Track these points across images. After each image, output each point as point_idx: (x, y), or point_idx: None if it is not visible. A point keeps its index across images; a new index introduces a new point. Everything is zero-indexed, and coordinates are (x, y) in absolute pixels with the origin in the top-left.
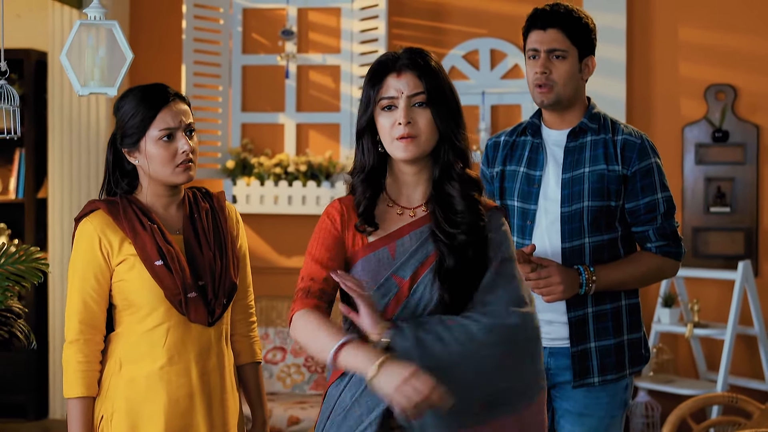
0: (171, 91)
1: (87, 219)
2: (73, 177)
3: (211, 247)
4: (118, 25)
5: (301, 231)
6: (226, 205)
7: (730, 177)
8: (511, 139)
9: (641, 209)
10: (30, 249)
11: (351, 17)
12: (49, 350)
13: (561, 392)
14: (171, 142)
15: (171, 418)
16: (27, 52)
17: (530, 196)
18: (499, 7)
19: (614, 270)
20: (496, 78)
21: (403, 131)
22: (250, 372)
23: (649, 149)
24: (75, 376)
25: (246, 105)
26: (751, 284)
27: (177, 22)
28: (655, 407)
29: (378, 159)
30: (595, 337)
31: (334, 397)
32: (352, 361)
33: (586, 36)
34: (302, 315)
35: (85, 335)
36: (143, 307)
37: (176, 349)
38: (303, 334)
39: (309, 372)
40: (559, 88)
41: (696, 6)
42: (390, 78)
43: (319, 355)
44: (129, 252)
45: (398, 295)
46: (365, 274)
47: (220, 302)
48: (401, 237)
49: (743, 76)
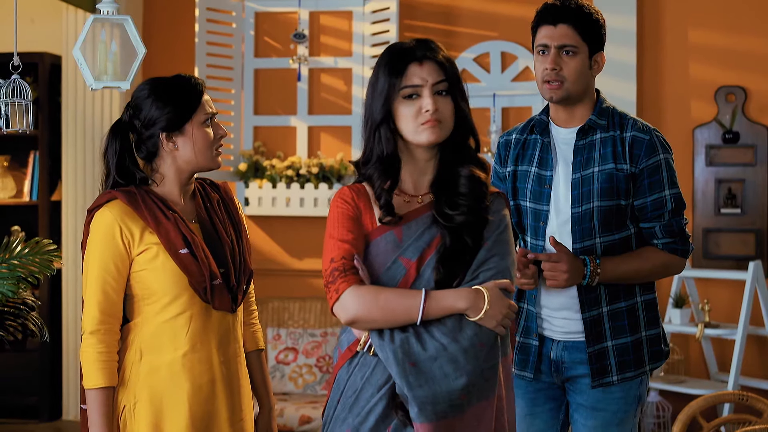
0: (201, 81)
1: (105, 207)
2: (87, 180)
3: (229, 235)
4: (131, 20)
5: (313, 233)
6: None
7: (740, 178)
8: (522, 138)
9: (648, 206)
10: (42, 241)
11: (362, 20)
12: (62, 352)
13: (575, 386)
14: (211, 127)
15: (195, 405)
16: (41, 55)
17: (542, 196)
18: (510, 9)
19: (620, 263)
20: (507, 80)
21: (431, 116)
22: (255, 359)
23: (658, 145)
24: (96, 366)
25: (258, 108)
26: (762, 284)
27: (190, 25)
28: (666, 407)
29: (395, 148)
30: (611, 335)
31: (344, 379)
32: (444, 302)
33: (597, 32)
34: (356, 290)
35: (106, 325)
36: (165, 296)
37: (198, 337)
38: (371, 304)
39: (321, 372)
40: (568, 84)
41: (706, 8)
42: (412, 66)
43: (404, 313)
44: (151, 241)
45: (406, 276)
46: (375, 257)
47: (241, 288)
48: (408, 222)
49: (753, 77)
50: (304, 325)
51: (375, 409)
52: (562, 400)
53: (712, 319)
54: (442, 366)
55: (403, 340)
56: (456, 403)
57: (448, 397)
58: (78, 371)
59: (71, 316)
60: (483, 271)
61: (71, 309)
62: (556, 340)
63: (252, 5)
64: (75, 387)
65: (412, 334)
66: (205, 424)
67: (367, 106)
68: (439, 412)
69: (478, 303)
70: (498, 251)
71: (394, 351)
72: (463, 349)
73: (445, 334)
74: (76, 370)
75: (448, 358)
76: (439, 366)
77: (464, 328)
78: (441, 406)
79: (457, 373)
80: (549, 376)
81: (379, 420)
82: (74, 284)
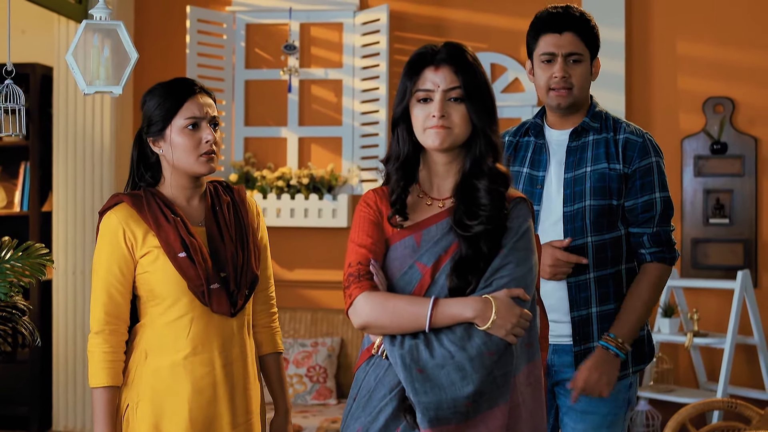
0: (197, 84)
1: (111, 211)
2: (78, 190)
3: (233, 239)
4: (123, 25)
5: (304, 244)
6: (247, 198)
7: (728, 189)
8: (514, 140)
9: (639, 208)
10: (35, 245)
11: (353, 32)
12: (53, 362)
13: (564, 389)
14: (195, 131)
15: (195, 407)
16: (33, 66)
17: (533, 196)
18: (500, 21)
19: (629, 316)
20: (497, 92)
21: (436, 122)
22: (272, 362)
23: (651, 148)
24: (100, 366)
25: (249, 119)
26: (750, 293)
27: (181, 36)
28: (655, 416)
29: (413, 149)
30: (599, 337)
31: (361, 379)
32: (451, 311)
33: (596, 38)
34: (367, 296)
35: (110, 326)
36: (167, 299)
37: (200, 339)
38: (380, 310)
39: (311, 382)
40: (576, 91)
41: (694, 19)
42: (427, 71)
43: (412, 321)
44: (153, 244)
45: (421, 282)
46: (393, 261)
47: (242, 293)
48: (427, 227)
49: (741, 88)
50: (294, 335)
51: (385, 410)
52: (552, 404)
53: (701, 328)
54: (449, 374)
55: (412, 346)
56: (461, 411)
57: (453, 405)
58: (68, 382)
59: (62, 326)
60: (496, 279)
61: (62, 319)
62: None
63: (243, 17)
64: (65, 397)
65: (422, 340)
66: (205, 427)
67: (393, 106)
68: (442, 418)
69: (485, 312)
70: (513, 259)
71: (402, 356)
72: (470, 358)
73: (454, 342)
74: (67, 380)
75: (454, 366)
76: (446, 374)
77: (473, 336)
78: (444, 412)
79: (464, 382)
80: None
81: (389, 420)
82: (65, 294)
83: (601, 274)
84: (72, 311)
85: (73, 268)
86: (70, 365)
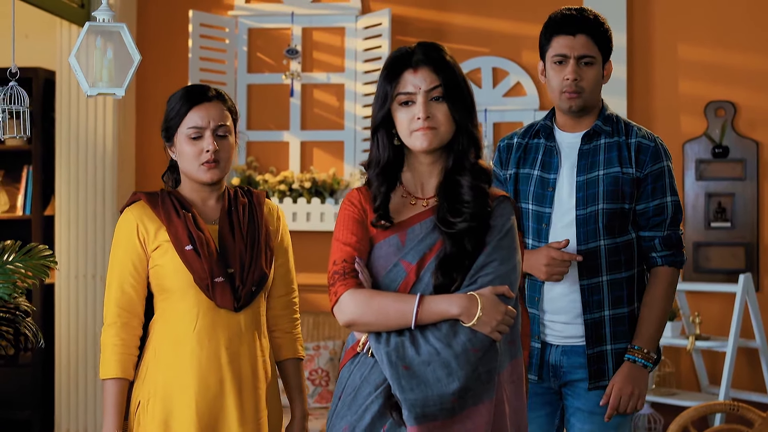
0: (211, 92)
1: (128, 209)
2: (80, 194)
3: (243, 238)
4: (126, 27)
5: (306, 247)
6: (269, 203)
7: (730, 192)
8: (523, 142)
9: (650, 211)
10: (38, 247)
11: (355, 36)
12: (55, 366)
13: (572, 390)
14: (198, 140)
15: (201, 402)
16: (35, 71)
17: (545, 199)
18: (501, 26)
19: (650, 325)
20: (498, 96)
21: (422, 124)
22: (291, 367)
23: (662, 152)
24: (111, 357)
25: (251, 123)
26: (752, 297)
27: (183, 40)
28: (657, 419)
29: (394, 153)
30: (612, 339)
31: (346, 377)
32: (437, 308)
33: (609, 41)
34: (353, 293)
35: (123, 319)
36: (176, 292)
37: (206, 334)
38: (366, 307)
39: (313, 385)
40: (586, 95)
41: (695, 24)
42: (407, 74)
43: (398, 318)
44: (163, 238)
45: (406, 280)
46: (377, 259)
47: (248, 289)
48: (411, 226)
49: (743, 92)
50: None
51: (371, 408)
52: (558, 405)
53: (703, 331)
54: (435, 370)
55: (398, 343)
56: (447, 407)
57: (440, 401)
58: (70, 386)
59: (64, 330)
60: (481, 276)
61: (64, 323)
62: (555, 344)
63: (245, 21)
64: (67, 402)
65: (408, 338)
66: (212, 423)
67: (372, 111)
68: (429, 414)
69: (471, 309)
70: (497, 256)
71: (388, 354)
72: (455, 355)
73: (439, 339)
74: (69, 384)
75: (440, 362)
76: (432, 370)
77: (458, 333)
78: (430, 409)
79: (450, 378)
80: (547, 381)
81: (375, 418)
82: (67, 298)
83: (614, 278)
84: (74, 315)
85: (75, 271)
86: (72, 369)
